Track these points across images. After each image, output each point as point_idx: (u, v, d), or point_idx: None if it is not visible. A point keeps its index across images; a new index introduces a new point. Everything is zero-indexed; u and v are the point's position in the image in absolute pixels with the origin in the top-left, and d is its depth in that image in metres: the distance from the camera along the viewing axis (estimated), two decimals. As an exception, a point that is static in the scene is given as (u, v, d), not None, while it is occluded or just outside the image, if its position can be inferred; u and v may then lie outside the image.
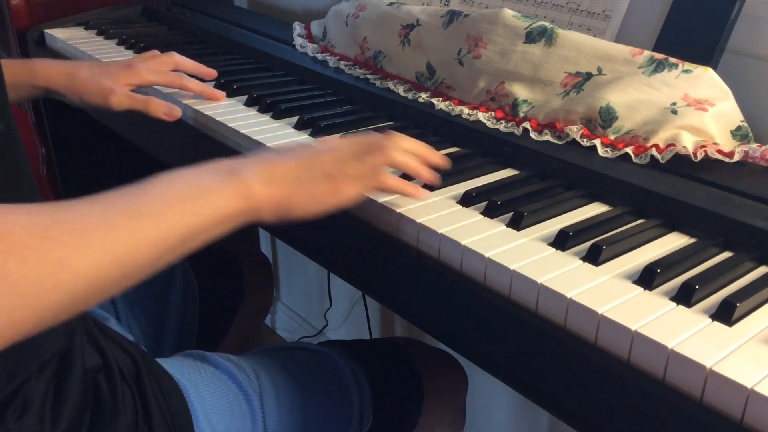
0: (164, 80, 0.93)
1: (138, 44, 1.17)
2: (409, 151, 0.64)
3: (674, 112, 0.69)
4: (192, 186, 0.52)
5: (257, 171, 0.56)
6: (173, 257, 0.50)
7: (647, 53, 0.73)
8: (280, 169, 0.58)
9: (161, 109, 0.88)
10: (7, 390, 0.55)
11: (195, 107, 0.89)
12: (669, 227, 0.61)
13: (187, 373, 0.70)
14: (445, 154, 0.76)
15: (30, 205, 0.43)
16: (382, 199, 0.64)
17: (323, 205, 0.59)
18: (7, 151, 0.59)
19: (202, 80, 0.97)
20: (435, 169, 0.66)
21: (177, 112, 0.89)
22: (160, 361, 0.71)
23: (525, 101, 0.78)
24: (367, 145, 0.62)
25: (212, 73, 0.98)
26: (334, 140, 0.63)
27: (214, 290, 1.00)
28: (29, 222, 0.41)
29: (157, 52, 0.96)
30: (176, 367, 0.70)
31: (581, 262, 0.55)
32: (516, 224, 0.60)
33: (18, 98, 0.92)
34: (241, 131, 0.81)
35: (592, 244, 0.56)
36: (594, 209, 0.65)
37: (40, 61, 0.91)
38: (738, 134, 0.71)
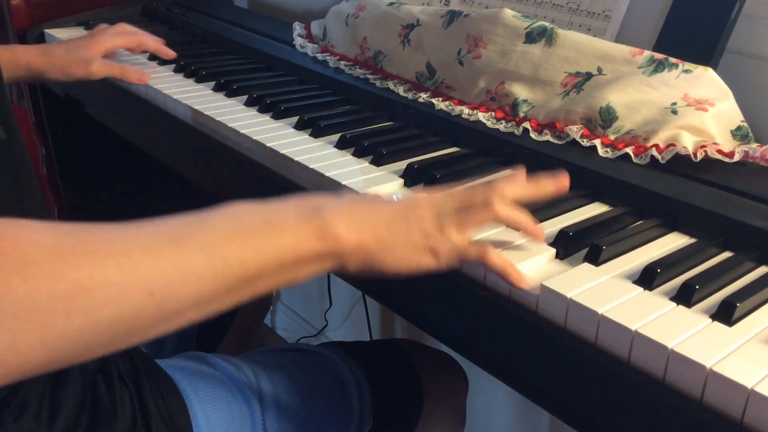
0: (126, 41, 1.06)
1: (138, 44, 1.17)
2: (517, 198, 0.55)
3: (674, 112, 0.69)
4: (262, 220, 0.45)
5: (347, 212, 0.49)
6: (231, 300, 0.44)
7: (647, 53, 0.73)
8: (373, 215, 0.51)
9: (136, 75, 0.99)
10: (4, 391, 0.55)
11: (195, 107, 0.89)
12: (669, 227, 0.61)
13: (186, 374, 0.70)
14: (444, 154, 0.76)
15: (61, 225, 0.39)
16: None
17: (415, 266, 0.52)
18: (9, 157, 0.59)
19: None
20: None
21: (146, 77, 0.99)
22: (160, 362, 0.71)
23: (525, 101, 0.78)
24: (471, 200, 0.54)
25: (171, 54, 1.10)
26: (432, 192, 0.56)
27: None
28: (51, 240, 0.37)
29: (106, 25, 1.08)
30: (175, 368, 0.70)
31: (581, 261, 0.55)
32: (516, 224, 0.60)
33: (6, 81, 0.96)
34: (241, 131, 0.81)
35: (592, 244, 0.56)
36: (594, 209, 0.65)
37: (19, 46, 0.99)
38: (738, 134, 0.71)
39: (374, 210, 0.51)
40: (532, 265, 0.55)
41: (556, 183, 0.57)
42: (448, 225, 0.53)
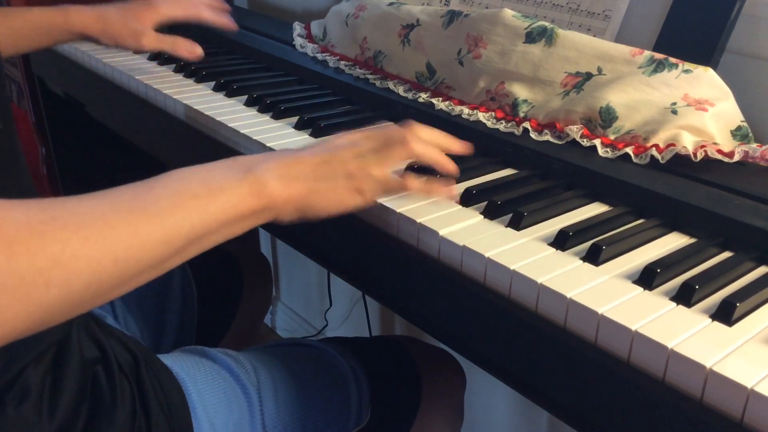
0: (183, 13, 1.02)
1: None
2: (430, 140, 0.61)
3: (674, 112, 0.69)
4: (202, 183, 0.50)
5: (275, 168, 0.54)
6: (180, 258, 0.48)
7: (647, 53, 0.73)
8: (299, 166, 0.55)
9: (186, 48, 0.99)
10: (5, 377, 0.56)
11: (195, 107, 0.89)
12: (669, 227, 0.61)
13: (185, 366, 0.70)
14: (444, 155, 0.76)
15: (29, 201, 0.42)
16: (383, 199, 0.64)
17: (343, 206, 0.57)
18: (8, 147, 0.60)
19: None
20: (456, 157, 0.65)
21: (198, 50, 0.99)
22: (159, 355, 0.71)
23: (525, 101, 0.78)
24: (388, 139, 0.59)
25: (226, 6, 1.08)
26: (351, 134, 0.61)
27: (212, 290, 1.00)
28: (24, 217, 0.40)
29: None
30: (175, 360, 0.71)
31: (581, 262, 0.55)
32: (516, 224, 0.60)
33: (55, 43, 0.99)
34: (241, 131, 0.81)
35: (592, 244, 0.56)
36: (594, 209, 0.65)
37: (73, 8, 0.97)
38: (738, 134, 0.71)
39: (299, 161, 0.56)
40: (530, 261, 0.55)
41: (463, 145, 0.65)
42: (369, 163, 0.57)
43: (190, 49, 0.99)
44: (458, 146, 0.65)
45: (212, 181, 0.51)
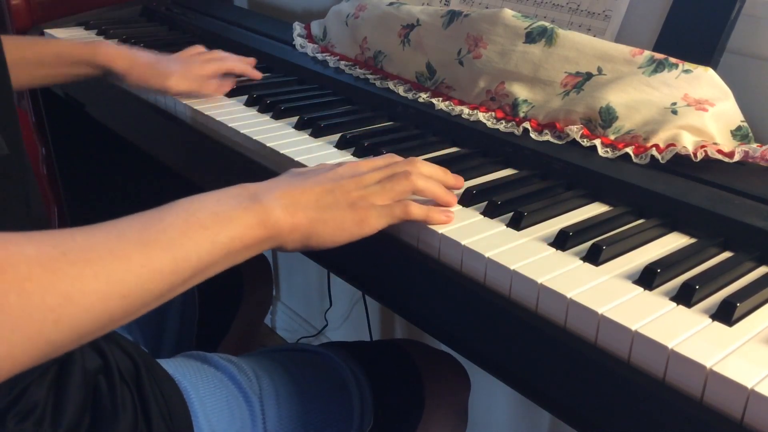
0: (216, 69, 0.96)
1: (138, 44, 1.17)
2: (430, 176, 0.63)
3: (674, 112, 0.69)
4: (210, 213, 0.50)
5: (280, 197, 0.55)
6: (184, 288, 0.49)
7: (647, 53, 0.73)
8: (304, 196, 0.56)
9: (213, 87, 0.93)
10: (9, 397, 0.55)
11: (195, 107, 0.89)
12: (669, 227, 0.61)
13: (187, 374, 0.70)
14: (444, 154, 0.76)
15: (38, 234, 0.42)
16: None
17: (347, 235, 0.57)
18: (17, 173, 0.60)
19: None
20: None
21: (228, 85, 0.95)
22: (161, 361, 0.71)
23: (525, 101, 0.78)
24: (391, 172, 0.61)
25: (251, 61, 1.03)
26: (355, 163, 0.62)
27: (213, 290, 1.00)
28: (35, 253, 0.40)
29: (215, 52, 0.99)
30: (177, 367, 0.70)
31: (581, 262, 0.55)
32: (516, 224, 0.60)
33: (77, 77, 0.96)
34: (241, 131, 0.81)
35: (592, 244, 0.56)
36: (594, 209, 0.65)
37: (102, 44, 0.95)
38: (738, 134, 0.71)
39: (304, 191, 0.57)
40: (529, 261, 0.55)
41: (456, 181, 0.66)
42: (372, 194, 0.58)
43: (216, 87, 0.93)
44: (453, 180, 0.66)
45: (221, 211, 0.51)
